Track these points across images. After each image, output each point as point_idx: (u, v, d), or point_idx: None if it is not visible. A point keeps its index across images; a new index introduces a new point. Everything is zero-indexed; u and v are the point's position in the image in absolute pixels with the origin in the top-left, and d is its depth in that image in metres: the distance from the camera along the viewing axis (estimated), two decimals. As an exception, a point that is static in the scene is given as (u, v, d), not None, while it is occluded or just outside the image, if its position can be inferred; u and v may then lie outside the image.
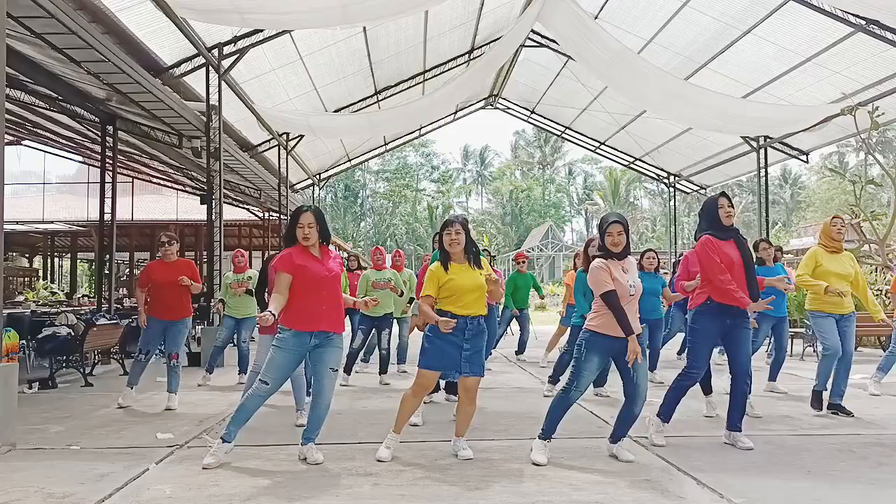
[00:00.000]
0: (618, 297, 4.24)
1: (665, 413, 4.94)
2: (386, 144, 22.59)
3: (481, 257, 4.59)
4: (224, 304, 8.48)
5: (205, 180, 12.91)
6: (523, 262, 10.45)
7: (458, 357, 4.36)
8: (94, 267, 29.05)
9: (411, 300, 8.14)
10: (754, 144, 16.33)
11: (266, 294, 5.76)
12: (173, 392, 6.45)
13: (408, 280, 8.34)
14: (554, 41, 15.19)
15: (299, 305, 4.37)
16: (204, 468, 4.24)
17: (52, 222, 21.48)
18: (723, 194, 4.88)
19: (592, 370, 4.41)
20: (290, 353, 4.38)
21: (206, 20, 9.60)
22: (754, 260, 5.05)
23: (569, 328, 7.56)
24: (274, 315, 4.21)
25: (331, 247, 4.64)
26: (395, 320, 8.17)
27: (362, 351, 8.47)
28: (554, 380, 7.03)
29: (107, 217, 12.38)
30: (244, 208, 21.61)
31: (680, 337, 9.57)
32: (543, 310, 25.93)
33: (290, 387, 5.61)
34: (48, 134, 13.86)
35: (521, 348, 10.48)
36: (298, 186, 21.47)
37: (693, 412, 6.15)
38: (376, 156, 26.00)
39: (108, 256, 12.39)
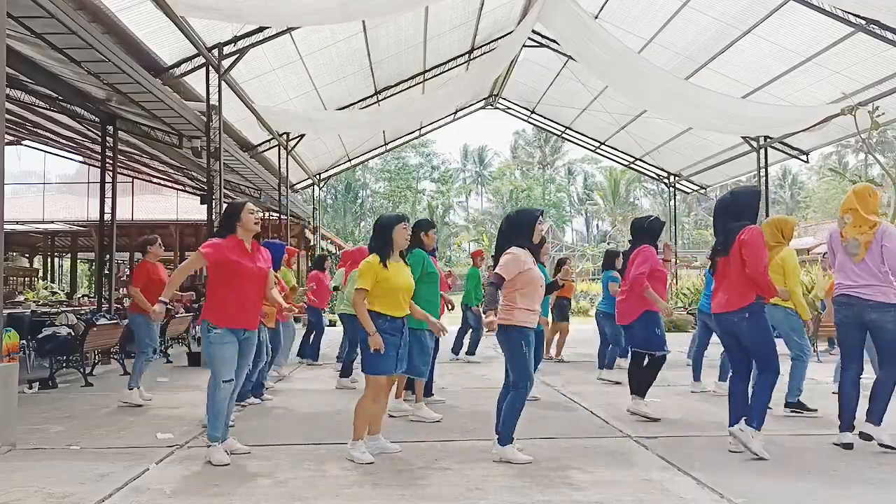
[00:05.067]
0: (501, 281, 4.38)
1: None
2: (386, 144, 22.58)
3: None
4: None
5: (205, 180, 12.90)
6: (479, 258, 10.48)
7: (396, 357, 4.46)
8: (94, 267, 29.03)
9: None
10: (754, 144, 16.33)
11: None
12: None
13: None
14: (554, 41, 15.19)
15: (231, 301, 4.42)
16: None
17: (52, 222, 21.44)
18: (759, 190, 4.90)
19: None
20: (229, 347, 4.45)
21: (206, 17, 9.58)
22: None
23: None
24: (166, 303, 4.52)
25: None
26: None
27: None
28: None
29: (107, 217, 12.35)
30: (244, 208, 21.58)
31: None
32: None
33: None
34: (48, 134, 13.84)
35: (471, 348, 10.27)
36: (298, 186, 21.46)
37: (693, 412, 6.16)
38: (376, 156, 25.98)
39: (108, 256, 12.36)
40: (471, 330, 10.26)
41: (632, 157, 21.53)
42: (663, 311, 5.95)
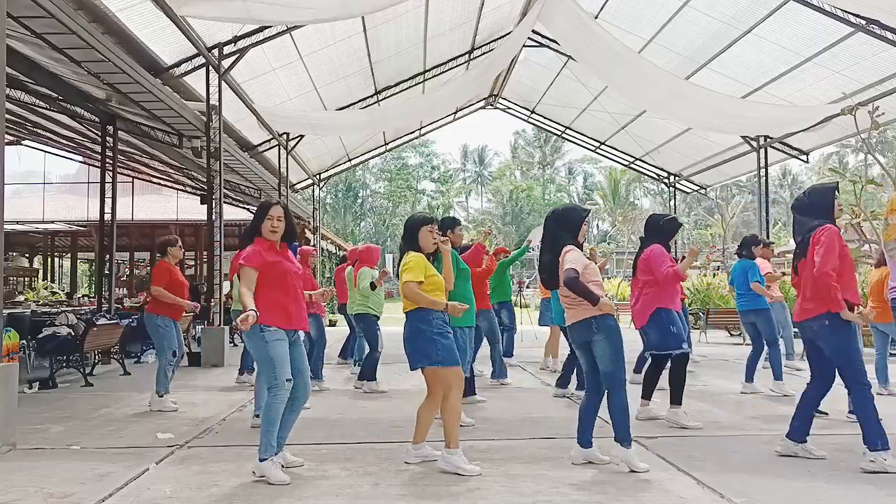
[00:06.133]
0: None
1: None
2: (386, 144, 22.57)
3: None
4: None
5: (205, 180, 12.90)
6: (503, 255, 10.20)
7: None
8: (94, 267, 29.03)
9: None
10: (754, 144, 16.32)
11: None
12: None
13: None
14: (554, 41, 15.17)
15: (280, 302, 4.21)
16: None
17: (52, 222, 21.45)
18: (837, 186, 4.55)
19: None
20: (285, 345, 4.19)
21: (208, 15, 9.56)
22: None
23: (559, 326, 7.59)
24: (256, 313, 4.00)
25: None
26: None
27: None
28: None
29: (107, 217, 12.37)
30: (244, 208, 21.60)
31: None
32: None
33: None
34: (48, 134, 13.84)
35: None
36: (298, 186, 21.46)
37: (693, 412, 6.15)
38: (376, 156, 25.96)
39: (108, 256, 12.37)
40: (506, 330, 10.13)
41: (632, 157, 21.52)
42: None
